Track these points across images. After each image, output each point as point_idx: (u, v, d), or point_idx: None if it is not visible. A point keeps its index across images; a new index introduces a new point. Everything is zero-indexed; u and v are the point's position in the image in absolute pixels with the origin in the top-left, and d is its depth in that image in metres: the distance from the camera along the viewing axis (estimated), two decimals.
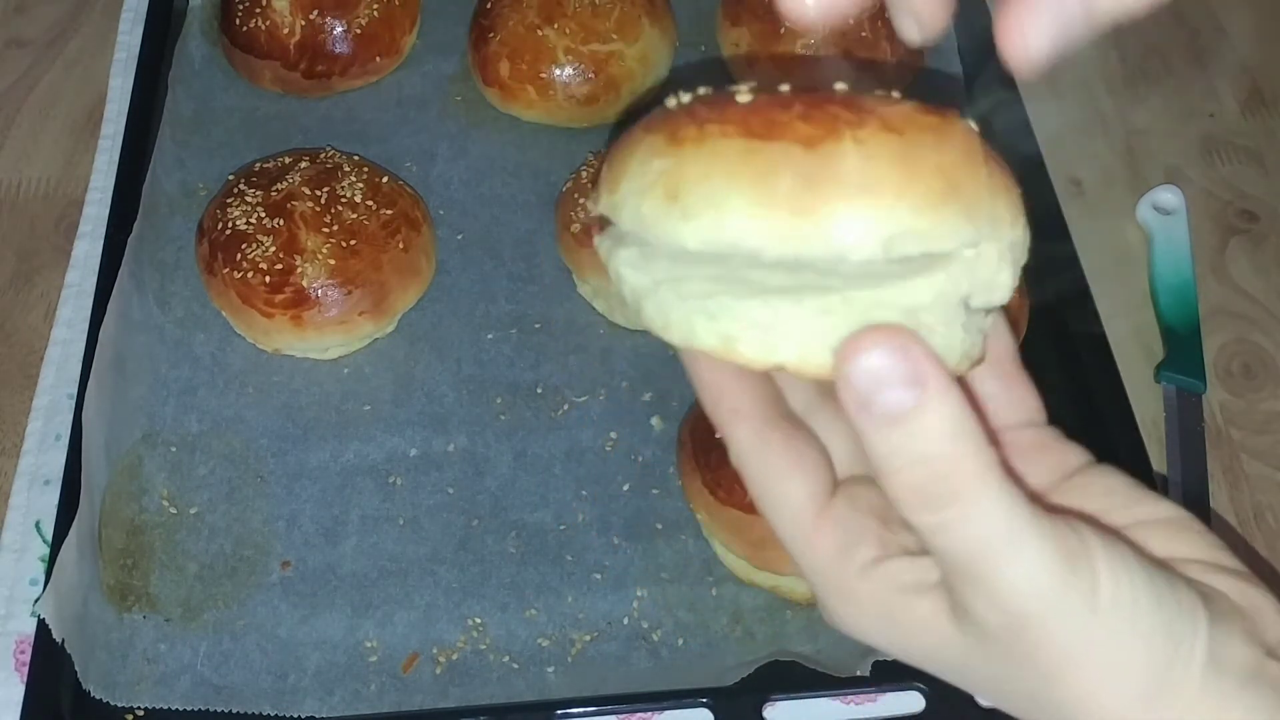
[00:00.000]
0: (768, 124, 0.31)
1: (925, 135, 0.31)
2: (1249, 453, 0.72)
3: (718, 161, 0.31)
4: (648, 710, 0.61)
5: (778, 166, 0.30)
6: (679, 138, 0.32)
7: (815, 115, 0.31)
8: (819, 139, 0.30)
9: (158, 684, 0.61)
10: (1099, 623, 0.31)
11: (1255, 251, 0.81)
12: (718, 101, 0.33)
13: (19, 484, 0.69)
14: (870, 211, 0.30)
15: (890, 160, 0.31)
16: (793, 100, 0.32)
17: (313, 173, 0.73)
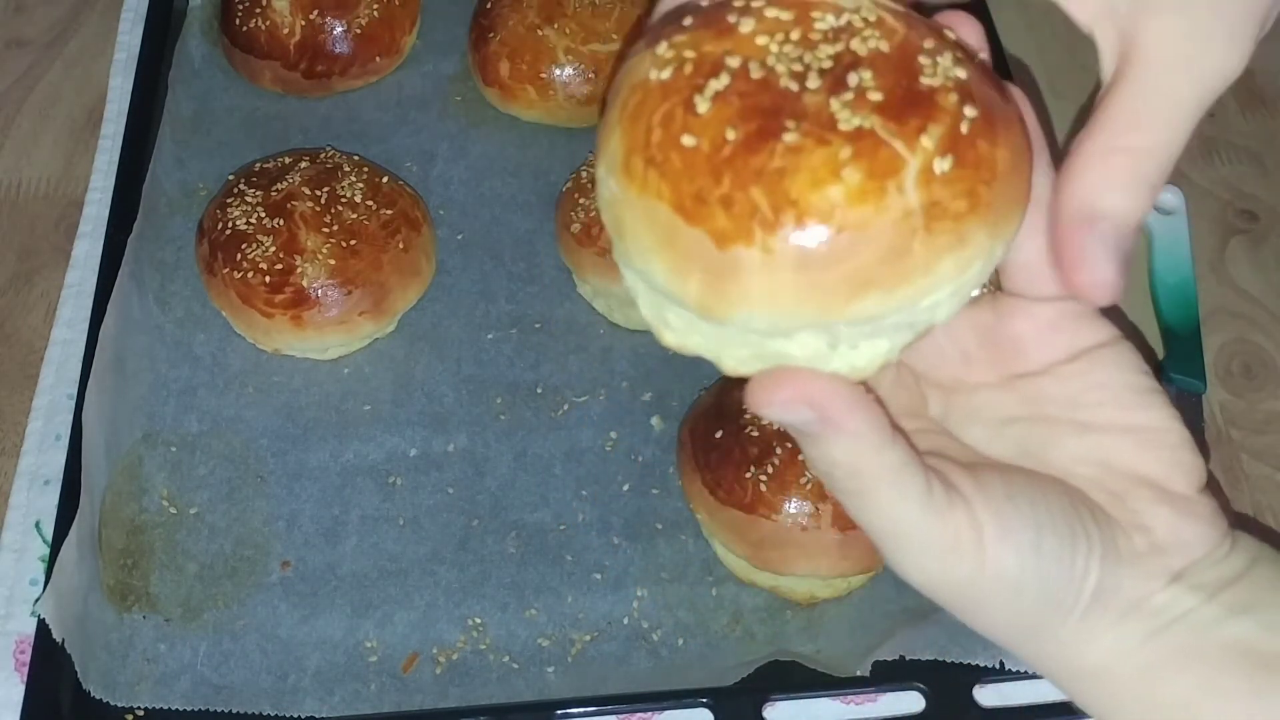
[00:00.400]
0: (696, 200, 0.31)
1: (843, 238, 0.31)
2: (1249, 453, 0.72)
3: (648, 225, 0.32)
4: (648, 710, 0.61)
5: (690, 258, 0.32)
6: (629, 169, 0.33)
7: (736, 200, 0.31)
8: (731, 237, 0.31)
9: (158, 684, 0.61)
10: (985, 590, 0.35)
11: (1255, 251, 0.81)
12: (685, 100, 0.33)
13: (19, 484, 0.69)
14: (772, 318, 0.32)
15: (793, 270, 0.31)
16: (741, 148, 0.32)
17: (313, 173, 0.73)
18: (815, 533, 0.61)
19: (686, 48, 0.33)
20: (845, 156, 0.31)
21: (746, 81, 0.32)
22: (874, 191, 0.31)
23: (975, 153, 0.33)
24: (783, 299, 0.32)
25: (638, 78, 0.34)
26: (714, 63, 0.33)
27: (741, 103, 0.32)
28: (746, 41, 0.33)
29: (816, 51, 0.33)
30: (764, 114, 0.32)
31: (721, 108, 0.32)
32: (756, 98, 0.32)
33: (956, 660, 0.60)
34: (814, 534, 0.61)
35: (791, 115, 0.32)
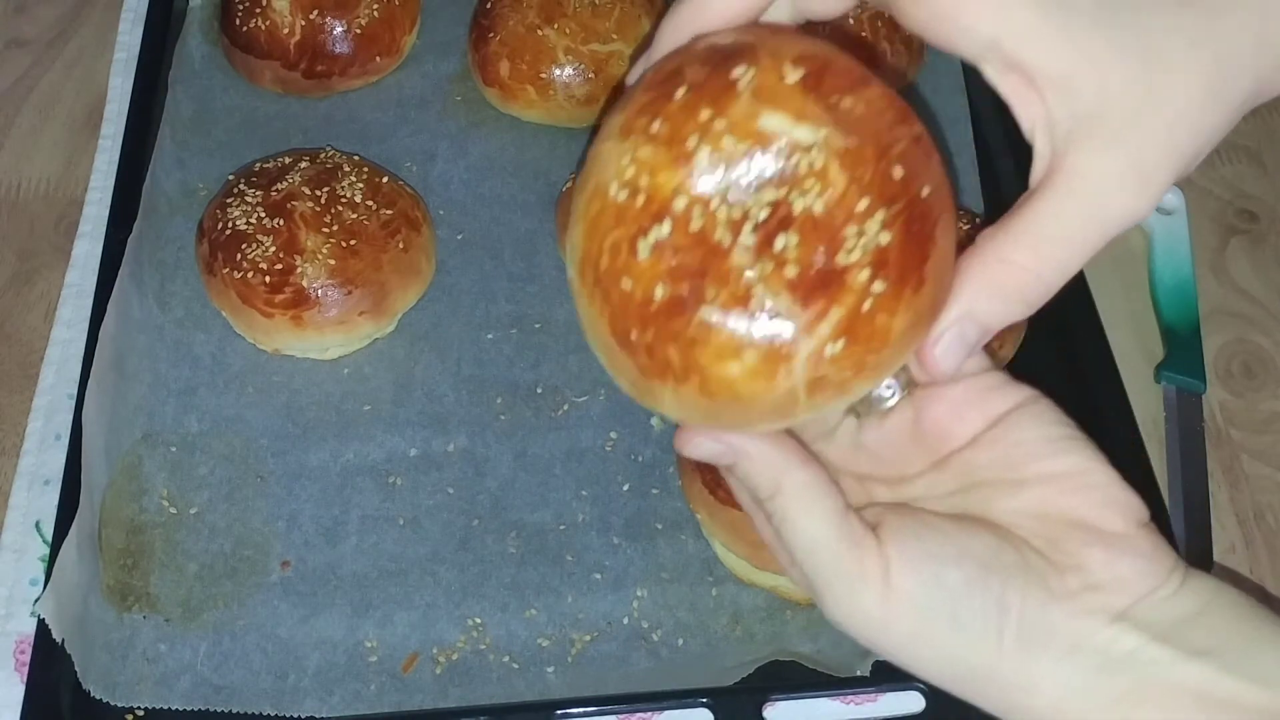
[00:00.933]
0: (622, 337, 0.38)
1: (735, 403, 0.38)
2: (1249, 453, 0.72)
3: (594, 327, 0.40)
4: (648, 710, 0.61)
5: (621, 370, 0.40)
6: (584, 275, 0.39)
7: (656, 351, 0.38)
8: (648, 374, 0.38)
9: (158, 684, 0.61)
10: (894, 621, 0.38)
11: (1255, 251, 0.81)
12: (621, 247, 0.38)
13: (19, 484, 0.69)
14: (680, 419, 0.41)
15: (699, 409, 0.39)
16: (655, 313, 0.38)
17: (313, 173, 0.73)
18: None
19: (644, 172, 0.37)
20: (747, 340, 0.37)
21: (684, 235, 0.37)
22: (766, 374, 0.37)
23: (871, 328, 0.37)
24: (694, 418, 0.40)
25: (603, 178, 0.38)
26: (662, 205, 0.37)
27: (675, 260, 0.37)
28: (698, 174, 0.37)
29: (760, 194, 0.37)
30: (691, 277, 0.37)
31: (657, 260, 0.37)
32: (690, 254, 0.37)
33: None
34: None
35: (715, 281, 0.37)
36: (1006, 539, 0.39)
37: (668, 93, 0.38)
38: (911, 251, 0.38)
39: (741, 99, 0.37)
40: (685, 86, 0.38)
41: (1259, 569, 0.68)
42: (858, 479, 0.43)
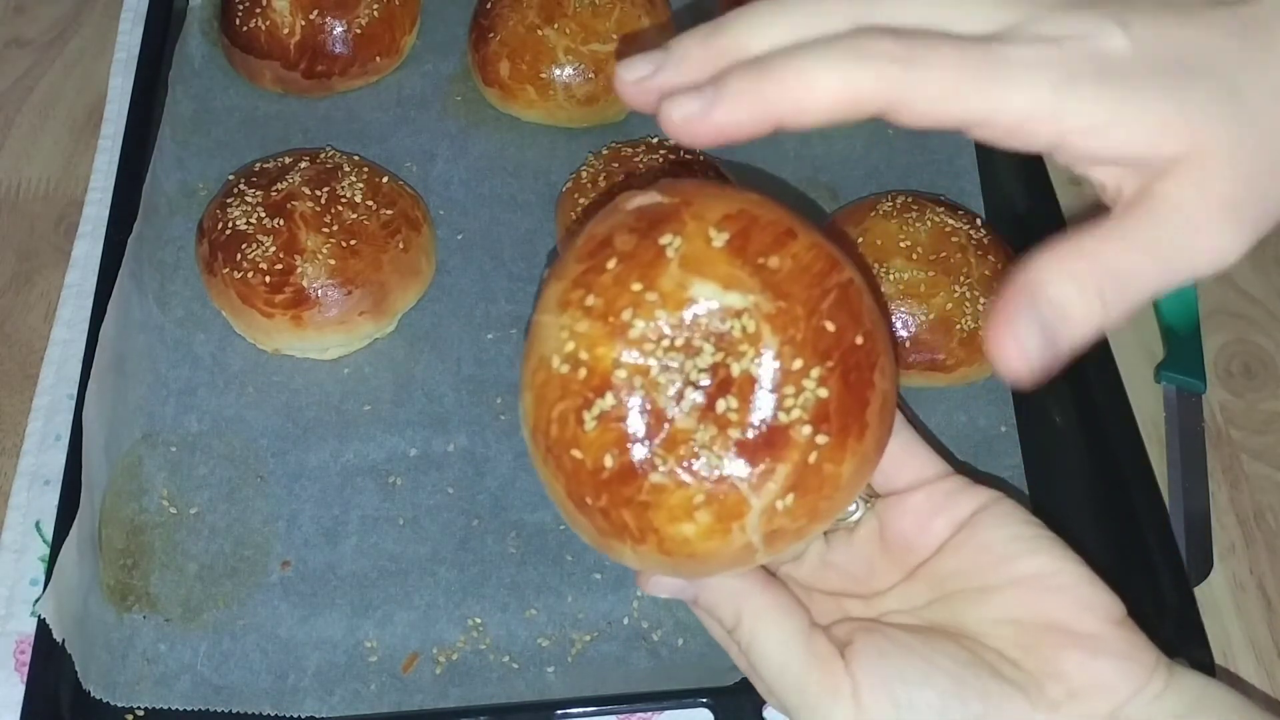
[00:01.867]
0: (581, 501, 0.40)
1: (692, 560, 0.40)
2: (1249, 453, 0.72)
3: (551, 488, 0.42)
4: (648, 710, 0.61)
5: (580, 528, 0.42)
6: (535, 442, 0.42)
7: (611, 514, 0.39)
8: (606, 534, 0.40)
9: (158, 684, 0.61)
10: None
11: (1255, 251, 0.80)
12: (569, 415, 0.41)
13: (19, 484, 0.69)
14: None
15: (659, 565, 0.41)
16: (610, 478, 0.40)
17: (313, 173, 0.73)
18: None
19: (584, 347, 0.39)
20: (699, 500, 0.38)
21: (627, 405, 0.39)
22: (720, 531, 0.39)
23: (820, 478, 0.38)
24: (654, 570, 0.42)
25: (545, 352, 0.41)
26: (603, 376, 0.39)
27: (620, 429, 0.39)
28: (635, 345, 0.39)
29: (698, 360, 0.39)
30: (638, 443, 0.39)
31: (604, 431, 0.39)
32: (634, 424, 0.39)
33: None
34: None
35: (662, 447, 0.38)
36: (979, 652, 0.38)
37: (599, 265, 0.40)
38: (850, 402, 0.39)
39: (670, 269, 0.38)
40: (615, 258, 0.39)
41: (1259, 569, 0.68)
42: (830, 595, 0.43)
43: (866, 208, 0.73)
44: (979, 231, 0.71)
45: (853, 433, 0.38)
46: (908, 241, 0.70)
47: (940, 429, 0.69)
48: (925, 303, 0.69)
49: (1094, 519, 0.66)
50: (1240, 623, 0.66)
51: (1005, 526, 0.40)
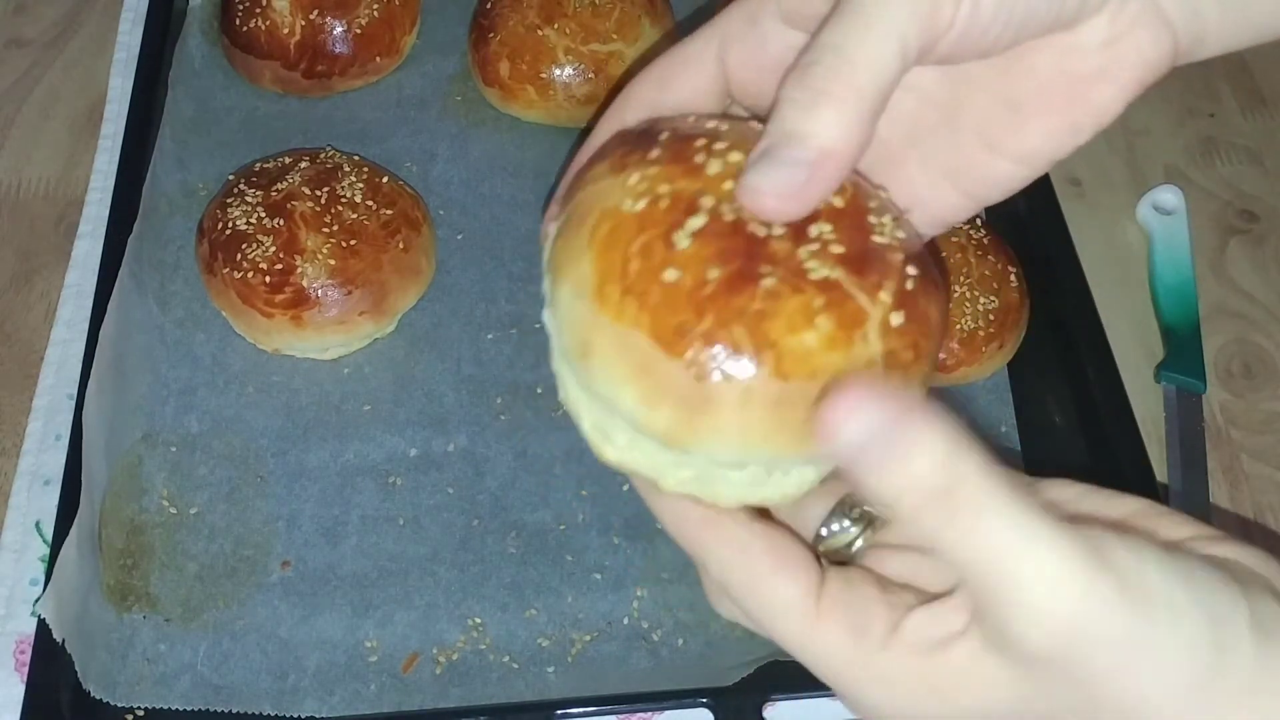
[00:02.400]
0: (677, 332, 0.33)
1: (810, 382, 0.33)
2: (1249, 453, 0.72)
3: (624, 354, 0.34)
4: (648, 710, 0.61)
5: (665, 389, 0.33)
6: (604, 295, 0.34)
7: (718, 336, 0.33)
8: (708, 372, 0.33)
9: (158, 684, 0.61)
10: (1138, 617, 0.30)
11: (1255, 251, 0.81)
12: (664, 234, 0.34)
13: (19, 484, 0.69)
14: (739, 451, 0.34)
15: (768, 407, 0.33)
16: (724, 281, 0.33)
17: (313, 173, 0.73)
18: None
19: (660, 181, 0.35)
20: (818, 305, 0.33)
21: (721, 223, 0.34)
22: (843, 340, 0.33)
23: (919, 309, 0.35)
24: (753, 434, 0.33)
25: (608, 204, 0.35)
26: (689, 201, 0.34)
27: (720, 243, 0.34)
28: (714, 183, 0.35)
29: None
30: (742, 256, 0.33)
31: (701, 246, 0.34)
32: (732, 240, 0.34)
33: None
34: None
35: (766, 260, 0.33)
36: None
37: (650, 138, 0.37)
38: (923, 250, 0.37)
39: (730, 129, 0.37)
40: (666, 133, 0.37)
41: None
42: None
43: None
44: (979, 231, 0.71)
45: (932, 281, 0.36)
46: None
47: None
48: None
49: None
50: None
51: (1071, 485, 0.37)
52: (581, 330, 0.35)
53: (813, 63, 0.33)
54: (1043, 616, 0.30)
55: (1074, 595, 0.29)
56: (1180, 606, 0.30)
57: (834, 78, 0.33)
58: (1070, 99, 0.37)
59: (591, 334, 0.34)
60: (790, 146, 0.33)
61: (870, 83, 0.32)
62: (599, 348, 0.34)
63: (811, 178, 0.33)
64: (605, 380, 0.34)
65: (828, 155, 0.33)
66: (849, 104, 0.32)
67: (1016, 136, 0.38)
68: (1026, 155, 0.38)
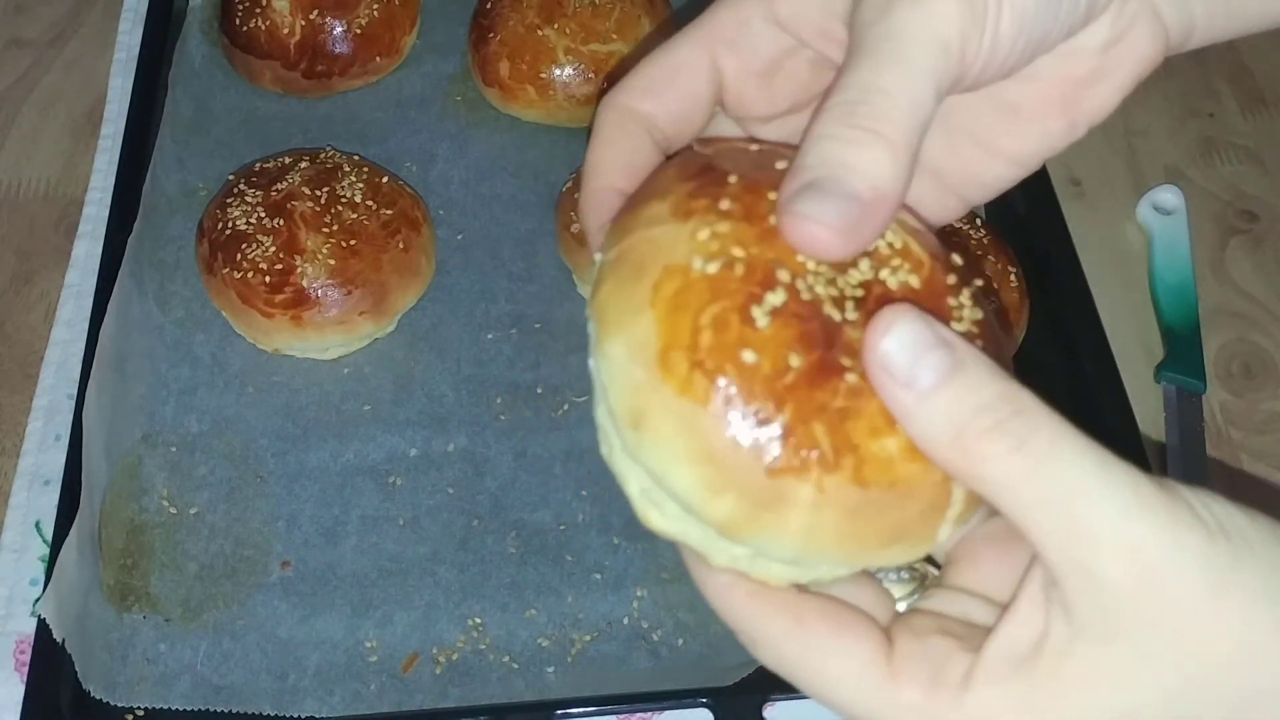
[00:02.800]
0: (718, 355, 0.30)
1: (891, 493, 0.31)
2: (1249, 453, 0.72)
3: (684, 430, 0.31)
4: (648, 710, 0.61)
5: (731, 478, 0.30)
6: (668, 364, 0.31)
7: (796, 432, 0.30)
8: (784, 471, 0.30)
9: (158, 684, 0.61)
10: (1219, 545, 0.29)
11: (1255, 251, 0.81)
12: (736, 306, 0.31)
13: (19, 484, 0.69)
14: (802, 552, 0.31)
15: (841, 515, 0.31)
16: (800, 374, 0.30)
17: (313, 173, 0.73)
18: None
19: (733, 243, 0.32)
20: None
21: (799, 303, 0.31)
22: (925, 459, 0.31)
23: None
24: (821, 538, 0.31)
25: (674, 259, 0.32)
26: (767, 273, 0.31)
27: (801, 326, 0.31)
28: (790, 254, 0.32)
29: (848, 275, 0.32)
30: (822, 344, 0.31)
31: (781, 328, 0.31)
32: (811, 324, 0.31)
33: None
34: None
35: (846, 351, 0.31)
36: None
37: (717, 179, 0.34)
38: (996, 328, 0.35)
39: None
40: (734, 174, 0.34)
41: None
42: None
43: None
44: (979, 231, 0.71)
45: (1004, 357, 0.33)
46: None
47: None
48: None
49: None
50: None
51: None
52: (636, 397, 0.31)
53: (859, 102, 0.32)
54: (1125, 547, 0.29)
55: (1158, 524, 0.29)
56: (1253, 539, 0.29)
57: (883, 119, 0.31)
58: (1068, 101, 0.37)
59: (648, 403, 0.31)
60: (845, 179, 0.31)
61: (914, 126, 0.32)
62: (656, 420, 0.31)
63: (865, 214, 0.31)
64: (659, 455, 0.31)
65: (882, 195, 0.31)
66: (899, 146, 0.31)
67: (1012, 139, 0.38)
68: (1021, 157, 0.38)
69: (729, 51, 0.37)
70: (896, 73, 0.32)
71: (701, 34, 0.37)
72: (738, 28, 0.37)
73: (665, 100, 0.37)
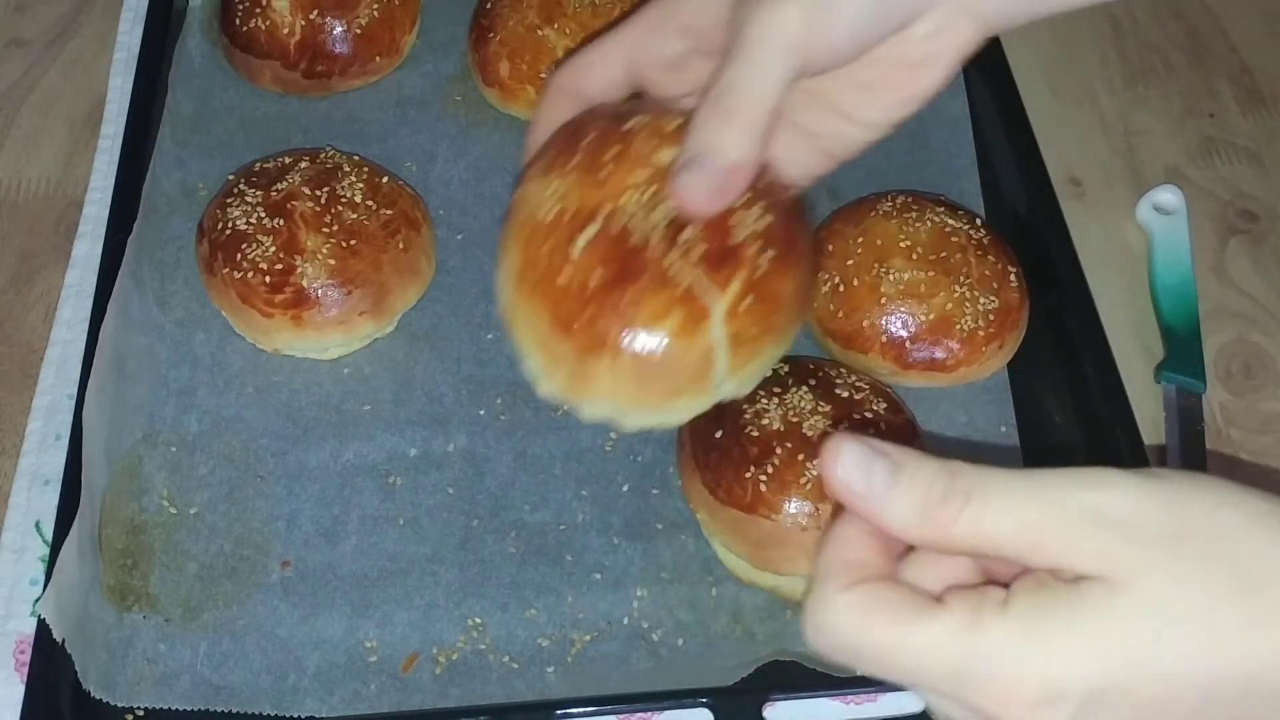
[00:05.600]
0: (564, 325, 0.46)
1: (664, 363, 0.46)
2: (1249, 453, 0.72)
3: (531, 327, 0.48)
4: (648, 710, 0.61)
5: (559, 360, 0.47)
6: (521, 285, 0.48)
7: (596, 326, 0.46)
8: (586, 351, 0.46)
9: (158, 684, 0.61)
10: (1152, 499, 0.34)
11: (1255, 251, 0.81)
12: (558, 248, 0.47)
13: (19, 484, 0.69)
14: (611, 410, 0.48)
15: (631, 381, 0.47)
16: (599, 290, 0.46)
17: (313, 173, 0.73)
18: (815, 532, 0.61)
19: (572, 193, 0.48)
20: (673, 303, 0.46)
21: (608, 235, 0.47)
22: (690, 331, 0.46)
23: (768, 289, 0.47)
24: (622, 399, 0.47)
25: (529, 211, 0.49)
26: (590, 214, 0.47)
27: (604, 252, 0.46)
28: (614, 193, 0.47)
29: (660, 209, 0.47)
30: (619, 263, 0.46)
31: (590, 254, 0.46)
32: (614, 248, 0.46)
33: None
34: (814, 534, 0.61)
35: (639, 267, 0.46)
36: None
37: (576, 141, 0.49)
38: (790, 229, 0.48)
39: (639, 138, 0.48)
40: (592, 134, 0.49)
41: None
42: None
43: (866, 208, 0.73)
44: (979, 231, 0.71)
45: (794, 253, 0.48)
46: (908, 241, 0.70)
47: (940, 429, 0.69)
48: (925, 303, 0.69)
49: None
50: None
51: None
52: (508, 307, 0.49)
53: (722, 95, 0.45)
54: (1076, 529, 0.34)
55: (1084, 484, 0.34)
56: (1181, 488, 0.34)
57: (741, 108, 0.44)
58: (907, 79, 0.49)
59: (513, 307, 0.48)
60: (711, 156, 0.45)
61: (765, 112, 0.45)
62: (518, 318, 0.48)
63: (726, 183, 0.45)
64: (520, 343, 0.48)
65: (738, 165, 0.45)
66: (752, 128, 0.44)
67: (865, 108, 0.50)
68: (872, 122, 0.50)
69: (641, 50, 0.51)
70: (751, 69, 0.44)
71: (619, 37, 0.51)
72: (648, 32, 0.50)
73: (590, 81, 0.52)
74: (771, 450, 0.62)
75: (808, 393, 0.64)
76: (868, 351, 0.69)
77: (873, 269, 0.69)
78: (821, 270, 0.71)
